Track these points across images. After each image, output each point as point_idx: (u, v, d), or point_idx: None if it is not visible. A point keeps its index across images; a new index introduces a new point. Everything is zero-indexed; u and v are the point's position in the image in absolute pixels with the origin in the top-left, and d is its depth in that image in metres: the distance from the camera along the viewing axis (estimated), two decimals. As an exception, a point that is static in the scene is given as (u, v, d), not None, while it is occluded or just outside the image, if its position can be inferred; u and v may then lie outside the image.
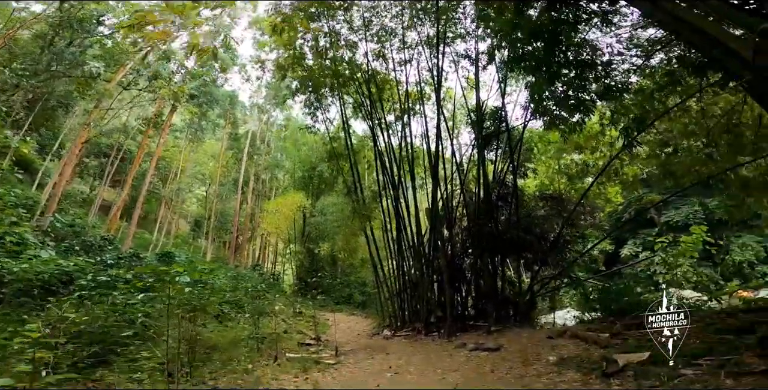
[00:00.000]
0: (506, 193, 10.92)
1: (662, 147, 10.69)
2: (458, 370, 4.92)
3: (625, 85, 7.51)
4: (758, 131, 8.20)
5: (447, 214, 10.71)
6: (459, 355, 5.97)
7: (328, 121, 13.33)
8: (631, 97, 8.62)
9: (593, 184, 11.53)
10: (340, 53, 11.98)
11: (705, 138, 9.22)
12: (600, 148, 12.42)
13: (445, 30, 10.60)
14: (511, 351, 5.63)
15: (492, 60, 10.56)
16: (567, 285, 10.61)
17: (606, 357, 4.38)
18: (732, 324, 4.77)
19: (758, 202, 9.30)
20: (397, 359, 6.26)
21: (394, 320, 10.58)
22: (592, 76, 7.11)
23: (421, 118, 12.16)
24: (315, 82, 12.03)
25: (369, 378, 5.20)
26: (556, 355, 4.89)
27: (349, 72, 12.03)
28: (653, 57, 8.34)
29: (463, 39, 11.01)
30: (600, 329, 6.43)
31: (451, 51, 11.26)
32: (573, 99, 8.01)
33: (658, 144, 10.90)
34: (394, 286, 10.86)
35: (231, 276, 12.99)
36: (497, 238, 9.79)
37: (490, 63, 10.73)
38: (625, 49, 8.09)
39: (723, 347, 4.24)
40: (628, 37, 7.80)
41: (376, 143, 11.80)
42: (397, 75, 12.12)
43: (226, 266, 19.45)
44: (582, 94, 7.31)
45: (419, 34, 11.32)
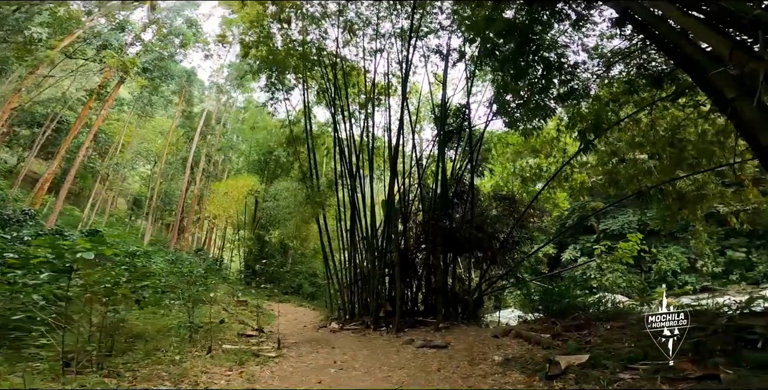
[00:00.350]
0: (462, 191, 11.07)
1: (610, 156, 11.28)
2: (405, 368, 4.80)
3: (587, 90, 7.73)
4: (700, 147, 8.81)
5: (403, 207, 10.64)
6: (407, 351, 5.87)
7: (288, 104, 12.78)
8: (589, 105, 8.98)
9: (545, 188, 11.95)
10: (309, 37, 11.54)
11: (650, 150, 9.79)
12: (554, 153, 12.89)
13: (420, 24, 10.42)
14: (458, 349, 5.62)
15: (462, 57, 10.60)
16: (513, 285, 10.93)
17: (549, 358, 4.42)
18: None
19: (692, 213, 10.02)
20: (343, 354, 6.06)
21: (343, 313, 10.39)
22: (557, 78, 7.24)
23: (385, 110, 11.96)
24: (280, 63, 11.44)
25: (311, 373, 4.95)
26: (501, 354, 4.91)
27: (317, 56, 11.57)
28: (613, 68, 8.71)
29: (435, 34, 10.93)
30: (542, 329, 6.58)
31: (422, 45, 11.13)
32: (535, 102, 8.20)
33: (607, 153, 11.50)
34: (345, 278, 10.65)
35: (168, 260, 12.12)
36: (451, 235, 9.86)
37: (460, 60, 10.77)
38: (588, 59, 8.39)
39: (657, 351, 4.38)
40: (593, 47, 8.05)
41: (336, 130, 11.46)
42: (366, 64, 11.85)
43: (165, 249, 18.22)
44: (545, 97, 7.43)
45: (393, 25, 11.10)
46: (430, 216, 10.06)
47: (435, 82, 13.10)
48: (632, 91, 7.73)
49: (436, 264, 9.39)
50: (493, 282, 10.65)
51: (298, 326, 10.48)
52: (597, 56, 8.64)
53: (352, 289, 10.39)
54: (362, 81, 12.34)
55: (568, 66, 7.32)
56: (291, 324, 10.82)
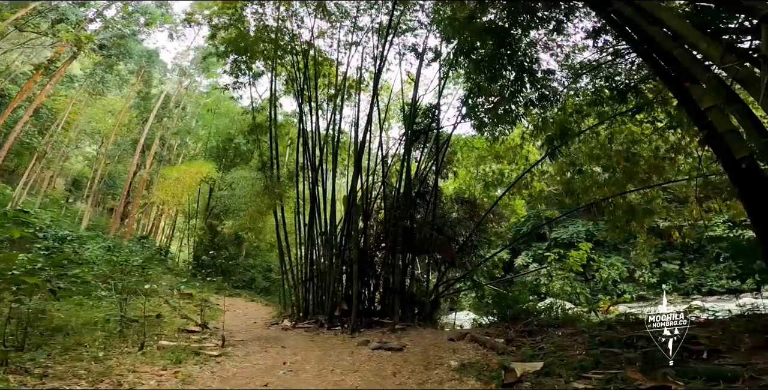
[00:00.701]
0: (426, 191, 11.04)
1: (569, 166, 11.70)
2: (359, 371, 4.57)
3: (556, 97, 7.88)
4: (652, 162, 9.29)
5: (365, 205, 10.42)
6: (361, 353, 5.64)
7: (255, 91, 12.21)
8: (554, 114, 9.22)
9: (505, 194, 12.18)
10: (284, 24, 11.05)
11: (606, 163, 10.22)
12: (516, 160, 13.19)
13: (399, 21, 10.26)
14: (414, 352, 5.48)
15: (437, 57, 10.58)
16: (469, 288, 11.03)
17: (504, 365, 4.37)
18: (614, 336, 5.08)
19: (639, 226, 10.56)
20: (294, 354, 5.73)
21: (297, 310, 10.00)
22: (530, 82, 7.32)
23: (354, 105, 11.70)
24: (249, 47, 10.87)
25: (257, 375, 4.61)
26: (457, 359, 4.81)
27: (290, 44, 11.12)
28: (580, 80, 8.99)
29: (413, 32, 10.83)
30: (496, 334, 6.60)
31: (399, 42, 11.00)
32: (504, 107, 8.29)
33: (566, 163, 11.94)
34: (301, 273, 10.27)
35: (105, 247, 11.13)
36: (411, 235, 9.78)
37: (435, 60, 10.74)
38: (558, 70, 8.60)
39: (607, 360, 4.43)
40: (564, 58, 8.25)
41: (302, 121, 11.05)
42: (340, 57, 11.52)
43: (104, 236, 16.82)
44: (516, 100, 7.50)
45: (372, 19, 10.86)
46: (392, 215, 9.91)
47: (407, 80, 13.01)
48: (598, 103, 7.98)
49: (395, 264, 9.24)
50: (450, 284, 10.68)
51: (247, 323, 9.97)
52: (566, 67, 8.88)
53: (308, 286, 10.03)
54: (333, 73, 11.99)
55: (540, 72, 7.41)
56: (240, 320, 10.28)
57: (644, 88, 7.51)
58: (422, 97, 11.26)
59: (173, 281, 10.89)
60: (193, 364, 4.75)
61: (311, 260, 10.10)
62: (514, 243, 24.03)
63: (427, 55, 10.71)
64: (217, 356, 5.24)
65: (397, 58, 11.35)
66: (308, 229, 10.23)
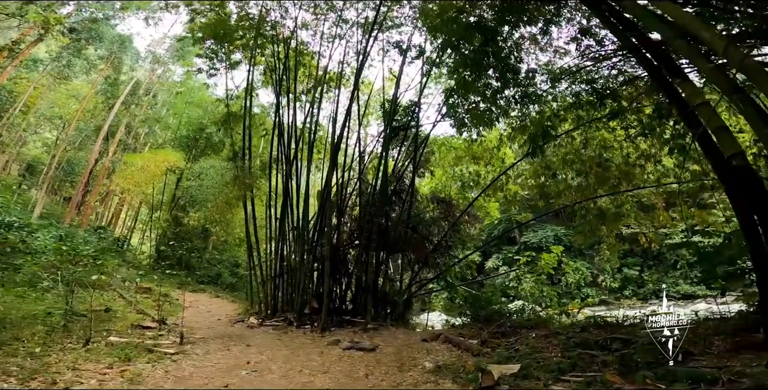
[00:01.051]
0: (402, 189, 10.90)
1: (544, 170, 11.87)
2: (329, 373, 4.29)
3: (538, 97, 7.91)
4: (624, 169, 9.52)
5: (339, 200, 10.15)
6: (332, 353, 5.36)
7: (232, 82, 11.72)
8: (533, 118, 9.28)
9: (482, 194, 12.20)
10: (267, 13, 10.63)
11: (579, 168, 10.41)
12: (493, 161, 13.28)
13: (385, 17, 10.07)
14: (387, 353, 5.26)
15: (421, 54, 10.46)
16: (442, 288, 10.95)
17: (480, 367, 4.23)
18: (588, 339, 5.05)
19: (609, 230, 10.80)
20: (259, 353, 5.38)
21: (264, 307, 9.58)
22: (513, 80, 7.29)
23: (333, 99, 11.43)
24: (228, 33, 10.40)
25: (217, 375, 4.26)
26: (431, 361, 4.64)
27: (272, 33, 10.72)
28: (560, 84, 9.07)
29: (398, 29, 10.67)
30: (470, 335, 6.50)
31: (384, 38, 10.81)
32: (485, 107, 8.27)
33: (541, 166, 12.11)
34: (270, 269, 9.87)
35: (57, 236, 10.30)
36: (386, 233, 9.59)
37: (418, 57, 10.61)
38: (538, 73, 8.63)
39: (584, 362, 4.36)
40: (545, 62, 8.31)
41: (278, 112, 10.65)
42: (322, 49, 11.21)
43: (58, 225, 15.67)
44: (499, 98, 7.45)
45: (359, 14, 10.61)
46: (367, 211, 9.69)
47: (389, 77, 12.84)
48: (577, 106, 8.06)
49: (368, 262, 9.01)
50: (423, 284, 10.56)
51: (210, 319, 9.45)
52: (547, 72, 8.93)
53: (277, 282, 9.64)
54: (314, 66, 11.67)
55: (524, 71, 7.40)
56: (203, 316, 9.75)
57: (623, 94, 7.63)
58: (403, 94, 11.15)
59: (130, 274, 10.20)
60: (144, 362, 4.34)
61: (281, 256, 9.72)
62: (487, 245, 24.31)
63: (411, 53, 10.59)
64: (173, 354, 4.83)
65: (380, 54, 11.12)
66: (279, 224, 9.85)
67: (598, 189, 10.35)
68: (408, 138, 11.09)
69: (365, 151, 11.93)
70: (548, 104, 9.29)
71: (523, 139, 10.25)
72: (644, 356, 4.02)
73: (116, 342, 4.97)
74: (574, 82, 8.63)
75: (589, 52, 7.65)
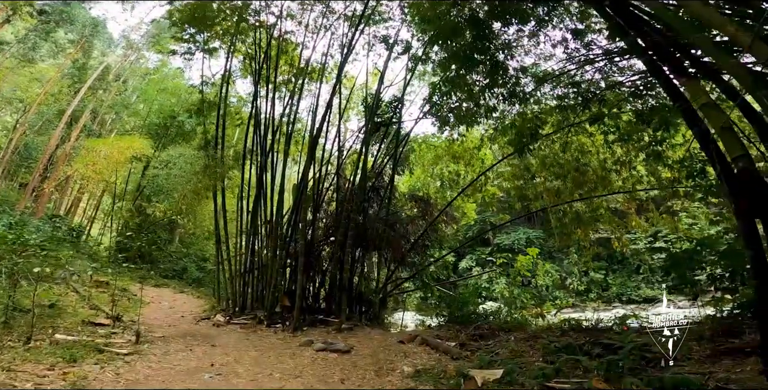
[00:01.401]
0: (381, 186, 10.68)
1: (523, 172, 11.93)
2: (301, 377, 3.97)
3: (526, 96, 7.85)
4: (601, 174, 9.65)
5: (315, 195, 9.80)
6: (304, 355, 5.03)
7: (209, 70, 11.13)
8: (516, 119, 9.25)
9: (461, 194, 12.14)
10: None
11: (558, 171, 10.50)
12: (472, 162, 13.26)
13: (373, 11, 9.79)
14: (363, 355, 4.99)
15: (408, 50, 10.28)
16: (417, 288, 10.79)
17: (462, 372, 4.05)
18: (570, 343, 4.96)
19: (585, 233, 10.95)
20: (225, 355, 4.99)
21: (233, 304, 9.10)
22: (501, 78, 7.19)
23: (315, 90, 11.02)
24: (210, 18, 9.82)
25: (176, 379, 3.87)
26: (410, 364, 4.41)
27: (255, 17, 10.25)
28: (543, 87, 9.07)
29: (385, 23, 10.44)
30: (447, 337, 6.35)
31: (370, 32, 10.54)
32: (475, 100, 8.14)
33: (520, 168, 12.18)
34: (240, 264, 9.40)
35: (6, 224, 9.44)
36: (363, 230, 9.33)
37: (404, 52, 10.43)
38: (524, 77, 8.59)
39: (567, 368, 4.24)
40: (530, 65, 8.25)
41: (256, 100, 10.19)
42: (306, 40, 10.80)
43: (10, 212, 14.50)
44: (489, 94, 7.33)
45: (346, 6, 10.27)
46: (344, 207, 9.39)
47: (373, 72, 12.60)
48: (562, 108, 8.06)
49: (344, 259, 8.71)
50: (399, 283, 10.35)
51: (173, 316, 8.89)
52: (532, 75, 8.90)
53: (247, 279, 9.18)
54: (297, 56, 11.24)
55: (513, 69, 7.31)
56: (165, 313, 9.17)
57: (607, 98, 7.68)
58: (387, 89, 10.88)
59: (85, 266, 9.47)
60: (92, 363, 3.89)
61: (252, 251, 9.28)
62: (463, 246, 24.49)
63: (397, 47, 10.38)
64: (126, 355, 4.38)
65: (365, 49, 10.82)
66: (251, 217, 9.40)
67: (575, 193, 10.48)
68: (389, 135, 10.90)
69: (344, 145, 11.65)
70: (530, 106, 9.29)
71: (504, 140, 10.27)
72: (628, 362, 3.94)
73: (62, 340, 4.47)
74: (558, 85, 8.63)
75: (576, 56, 7.64)
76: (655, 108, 7.52)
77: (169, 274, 15.55)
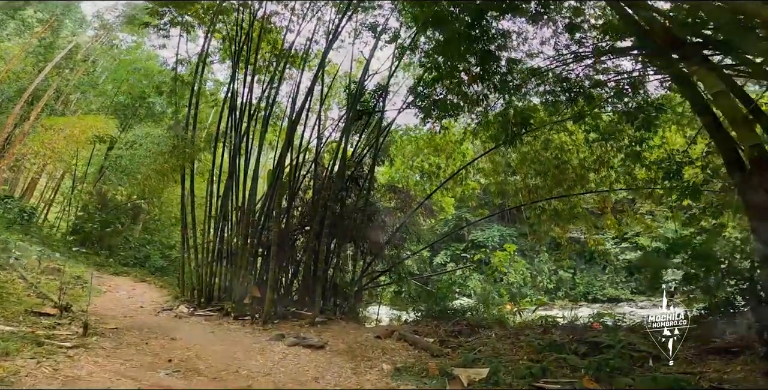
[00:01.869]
0: (360, 175, 10.35)
1: (505, 167, 11.87)
2: (271, 374, 3.59)
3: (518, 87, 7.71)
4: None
5: (292, 182, 9.37)
6: (275, 350, 4.65)
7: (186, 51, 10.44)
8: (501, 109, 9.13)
9: (441, 187, 11.97)
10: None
11: (538, 168, 10.48)
12: (454, 155, 13.11)
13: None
14: (338, 350, 4.66)
15: (396, 39, 9.95)
16: (393, 281, 10.56)
17: (446, 371, 3.80)
18: (554, 341, 4.82)
19: (562, 230, 11.01)
20: (186, 349, 4.54)
21: (198, 295, 8.56)
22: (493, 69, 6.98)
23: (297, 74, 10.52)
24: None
25: (124, 376, 3.42)
26: (389, 361, 4.13)
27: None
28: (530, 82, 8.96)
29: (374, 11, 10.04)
30: (425, 333, 6.13)
31: (357, 19, 10.11)
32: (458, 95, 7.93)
33: (501, 164, 12.12)
34: (208, 252, 8.86)
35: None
36: (340, 220, 9.00)
37: (393, 41, 10.09)
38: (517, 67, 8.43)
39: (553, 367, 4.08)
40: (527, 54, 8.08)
41: (234, 80, 9.62)
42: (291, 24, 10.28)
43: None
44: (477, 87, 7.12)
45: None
46: (321, 196, 9.00)
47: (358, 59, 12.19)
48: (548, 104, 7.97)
49: (319, 249, 8.34)
50: (375, 276, 10.08)
51: (131, 306, 8.25)
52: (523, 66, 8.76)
53: (214, 268, 8.65)
54: (280, 39, 10.69)
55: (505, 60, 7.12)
56: (122, 303, 8.52)
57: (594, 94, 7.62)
58: (371, 78, 10.50)
59: (37, 252, 8.68)
60: (28, 357, 3.40)
61: (222, 238, 8.76)
62: (439, 240, 24.50)
63: (385, 36, 10.02)
64: (70, 348, 3.88)
65: (351, 35, 10.40)
66: (222, 203, 8.87)
67: (554, 190, 10.50)
68: (370, 124, 10.57)
69: (324, 134, 11.23)
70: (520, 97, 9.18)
71: (486, 135, 10.15)
72: (617, 361, 3.80)
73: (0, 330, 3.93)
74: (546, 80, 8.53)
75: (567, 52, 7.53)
76: (641, 106, 7.54)
77: (131, 261, 14.67)
